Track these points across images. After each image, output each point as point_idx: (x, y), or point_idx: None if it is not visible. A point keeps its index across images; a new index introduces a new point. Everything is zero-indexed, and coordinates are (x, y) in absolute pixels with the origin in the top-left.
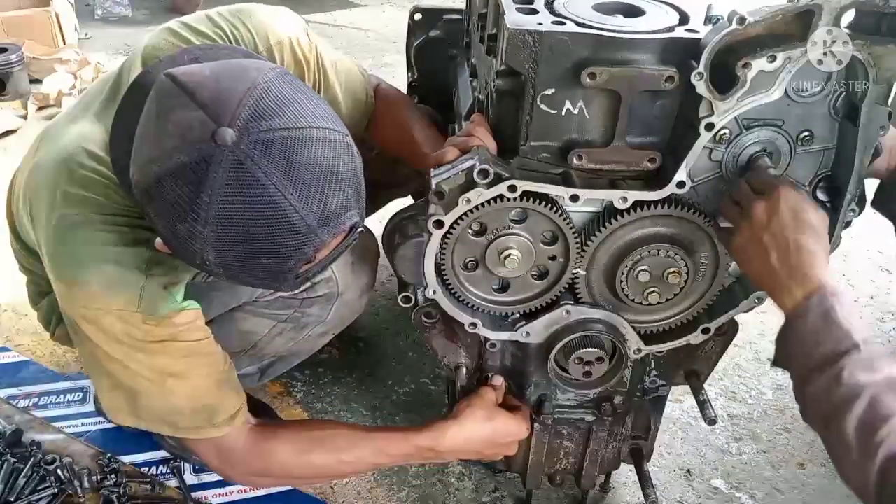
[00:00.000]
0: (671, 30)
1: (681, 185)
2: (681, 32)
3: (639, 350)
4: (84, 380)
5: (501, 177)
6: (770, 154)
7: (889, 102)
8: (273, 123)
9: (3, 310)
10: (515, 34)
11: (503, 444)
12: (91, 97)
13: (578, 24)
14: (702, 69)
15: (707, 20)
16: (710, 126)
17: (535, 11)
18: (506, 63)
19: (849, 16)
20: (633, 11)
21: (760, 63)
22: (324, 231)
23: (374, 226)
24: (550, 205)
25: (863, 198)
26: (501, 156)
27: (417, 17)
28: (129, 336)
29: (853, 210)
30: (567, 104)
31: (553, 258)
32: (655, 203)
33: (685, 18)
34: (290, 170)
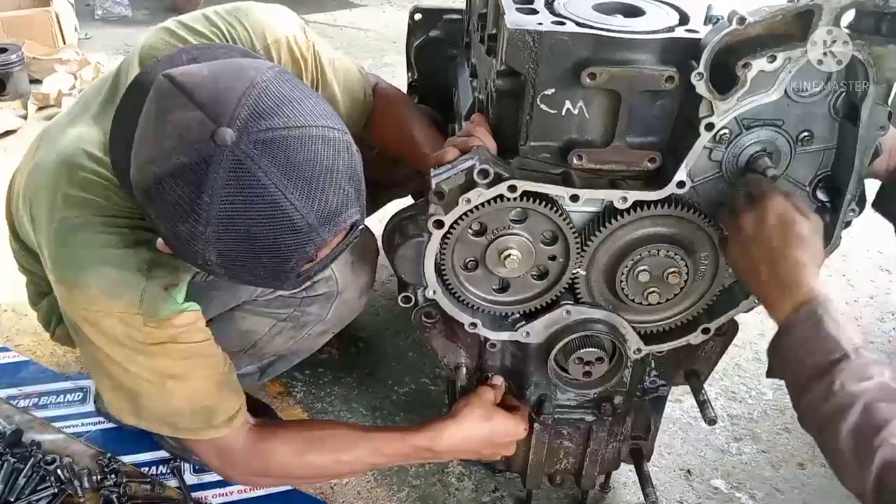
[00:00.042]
0: (671, 30)
1: (681, 185)
2: (681, 32)
3: (639, 350)
4: (84, 380)
5: (501, 177)
6: (770, 154)
7: (889, 102)
8: (272, 123)
9: (3, 310)
10: (515, 34)
11: (501, 444)
12: (90, 98)
13: (578, 24)
14: (702, 69)
15: (707, 20)
16: (710, 126)
17: (535, 11)
18: (506, 63)
19: (849, 16)
20: (633, 11)
21: (760, 63)
22: (325, 230)
23: (374, 226)
24: (550, 205)
25: (863, 198)
26: (501, 156)
27: (417, 17)
28: (130, 338)
29: (853, 210)
30: (567, 104)
31: (553, 258)
32: (655, 203)
33: (685, 18)
34: (291, 169)
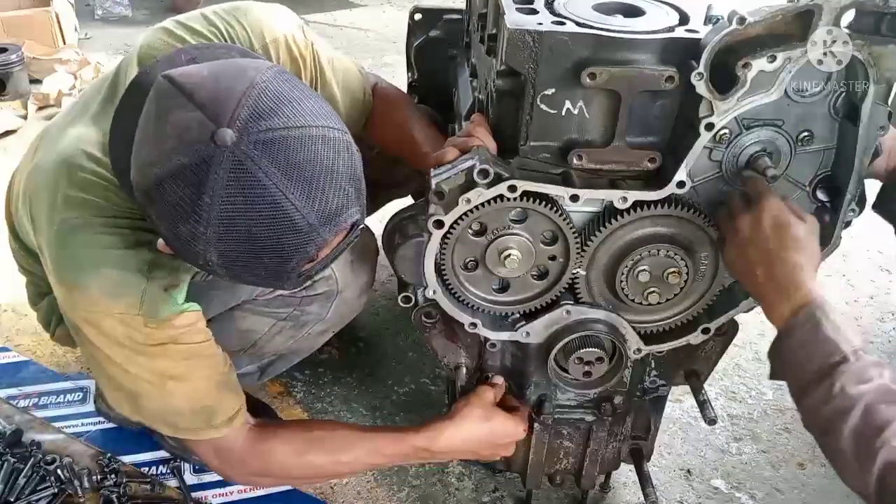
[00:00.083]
0: (671, 30)
1: (681, 185)
2: (681, 32)
3: (639, 350)
4: (84, 380)
5: (501, 177)
6: (770, 154)
7: (889, 102)
8: (272, 123)
9: (3, 310)
10: (515, 34)
11: (500, 445)
12: (89, 98)
13: (578, 24)
14: (702, 69)
15: (707, 20)
16: (710, 126)
17: (535, 11)
18: (506, 63)
19: (849, 16)
20: (633, 11)
21: (760, 63)
22: (325, 229)
23: (374, 226)
24: (550, 205)
25: (863, 198)
26: (501, 156)
27: (417, 17)
28: (131, 339)
29: (853, 210)
30: (567, 104)
31: (553, 258)
32: (655, 203)
33: (685, 18)
34: (291, 169)
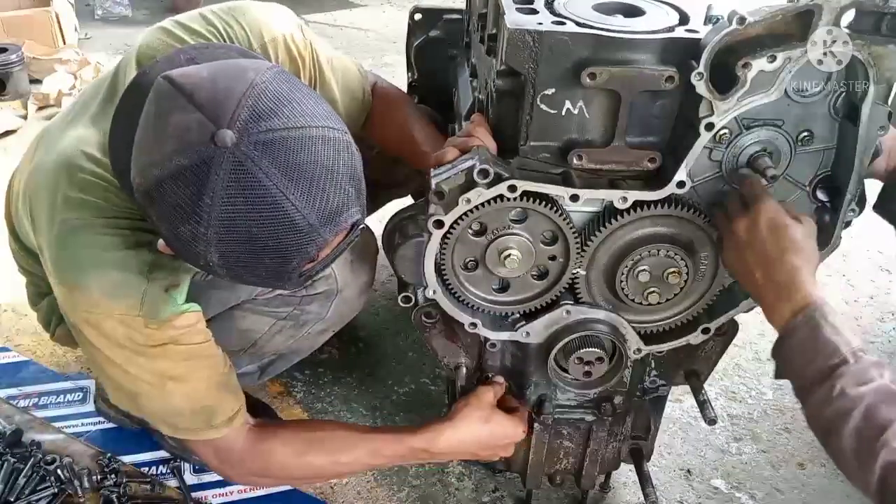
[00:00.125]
0: (671, 30)
1: (681, 185)
2: (681, 32)
3: (639, 350)
4: (84, 380)
5: (501, 177)
6: (770, 154)
7: (889, 102)
8: (272, 124)
9: (3, 310)
10: (515, 34)
11: (499, 446)
12: (88, 98)
13: (578, 24)
14: (702, 69)
15: (707, 20)
16: (710, 126)
17: (535, 11)
18: (506, 63)
19: (849, 16)
20: (633, 11)
21: (760, 63)
22: (326, 230)
23: (374, 226)
24: (550, 205)
25: (863, 198)
26: (501, 156)
27: (417, 17)
28: (131, 340)
29: (853, 210)
30: (567, 104)
31: (553, 258)
32: (655, 203)
33: (685, 18)
34: (291, 170)
